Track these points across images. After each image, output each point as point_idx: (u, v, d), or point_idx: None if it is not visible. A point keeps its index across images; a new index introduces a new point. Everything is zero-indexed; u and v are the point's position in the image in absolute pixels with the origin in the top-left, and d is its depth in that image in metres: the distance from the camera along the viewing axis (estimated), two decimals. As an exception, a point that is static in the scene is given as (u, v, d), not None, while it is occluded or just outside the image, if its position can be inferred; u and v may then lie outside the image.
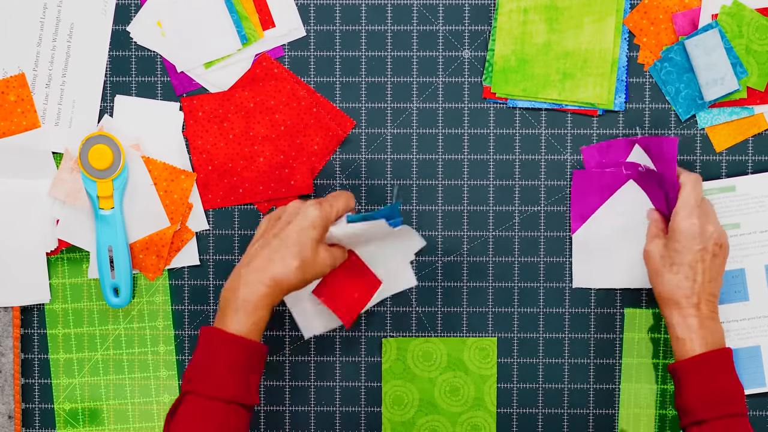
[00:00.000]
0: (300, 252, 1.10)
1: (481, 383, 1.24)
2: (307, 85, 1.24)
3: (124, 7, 1.25)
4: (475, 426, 1.25)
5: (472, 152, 1.25)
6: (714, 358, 1.11)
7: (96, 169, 1.22)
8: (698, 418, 1.09)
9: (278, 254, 1.10)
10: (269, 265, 1.10)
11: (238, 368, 1.09)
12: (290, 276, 1.10)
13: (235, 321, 1.09)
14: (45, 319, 1.27)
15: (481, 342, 1.24)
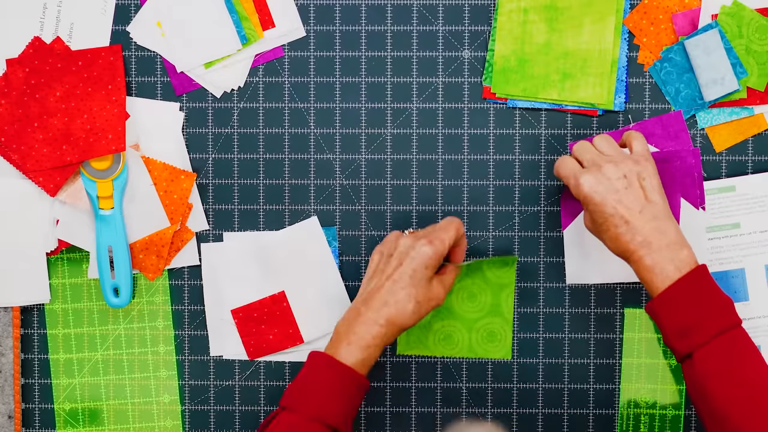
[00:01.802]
0: (415, 294, 1.12)
1: (499, 291, 1.24)
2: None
3: (124, 7, 1.25)
4: (491, 332, 1.24)
5: (472, 152, 1.25)
6: (676, 290, 1.07)
7: (96, 169, 1.22)
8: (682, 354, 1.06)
9: (393, 297, 1.12)
10: (384, 307, 1.12)
11: (339, 395, 1.10)
12: (406, 317, 1.12)
13: (347, 352, 1.11)
14: (45, 319, 1.27)
15: (504, 260, 1.24)
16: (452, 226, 1.15)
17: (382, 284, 1.13)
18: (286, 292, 1.25)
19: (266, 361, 1.27)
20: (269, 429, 1.10)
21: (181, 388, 1.27)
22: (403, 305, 1.12)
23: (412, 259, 1.13)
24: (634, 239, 1.08)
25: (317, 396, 1.10)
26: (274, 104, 1.25)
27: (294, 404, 1.10)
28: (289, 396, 1.11)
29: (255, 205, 1.26)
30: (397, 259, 1.14)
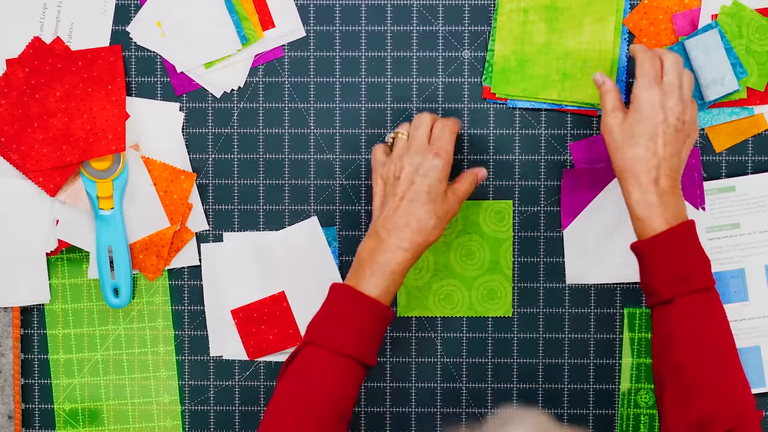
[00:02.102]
0: (434, 210, 1.11)
1: (497, 247, 1.24)
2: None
3: (124, 7, 1.25)
4: (491, 290, 1.24)
5: (472, 152, 1.25)
6: (675, 235, 1.07)
7: (96, 169, 1.22)
8: (664, 298, 1.07)
9: (413, 217, 1.11)
10: (406, 229, 1.11)
11: (363, 327, 1.09)
12: (429, 235, 1.11)
13: (370, 283, 1.10)
14: (45, 319, 1.27)
15: (497, 205, 1.24)
16: (448, 130, 1.14)
17: (399, 206, 1.12)
18: (286, 292, 1.25)
19: (266, 361, 1.27)
20: (294, 364, 1.09)
21: (181, 388, 1.27)
22: (424, 223, 1.11)
23: (425, 176, 1.12)
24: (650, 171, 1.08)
25: (342, 329, 1.09)
26: (274, 104, 1.25)
27: (318, 338, 1.09)
28: (312, 330, 1.10)
29: (255, 205, 1.26)
30: (407, 179, 1.12)
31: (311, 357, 1.09)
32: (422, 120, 1.15)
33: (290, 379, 1.09)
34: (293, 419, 1.08)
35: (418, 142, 1.13)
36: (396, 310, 1.25)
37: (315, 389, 1.08)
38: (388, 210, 1.12)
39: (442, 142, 1.13)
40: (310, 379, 1.08)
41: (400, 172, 1.13)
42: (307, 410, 1.08)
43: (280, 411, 1.09)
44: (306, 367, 1.09)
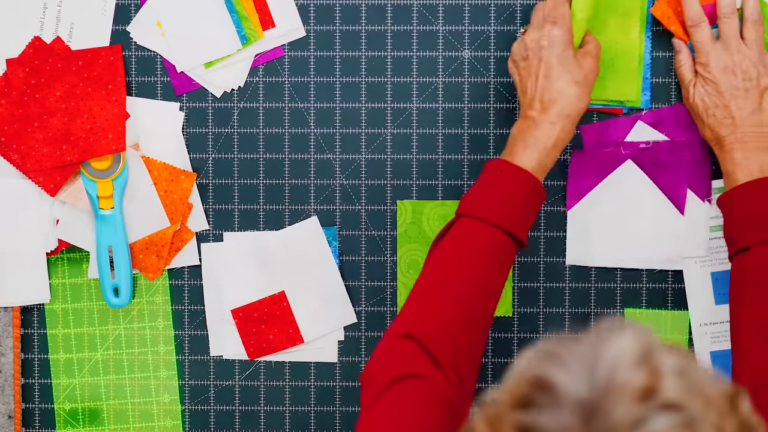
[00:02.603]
0: (571, 77, 1.11)
1: None
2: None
3: (124, 7, 1.25)
4: None
5: (472, 152, 1.25)
6: (754, 186, 1.11)
7: (96, 169, 1.22)
8: (741, 245, 1.11)
9: (555, 91, 1.11)
10: (551, 105, 1.11)
11: (516, 200, 1.09)
12: (575, 104, 1.11)
13: (524, 157, 1.10)
14: (45, 319, 1.27)
15: None
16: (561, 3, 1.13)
17: (536, 85, 1.12)
18: (286, 292, 1.25)
19: (266, 361, 1.27)
20: (448, 234, 1.09)
21: (181, 388, 1.27)
22: (567, 94, 1.11)
23: (549, 47, 1.11)
24: (733, 133, 1.13)
25: (494, 200, 1.09)
26: (274, 104, 1.25)
27: (471, 210, 1.09)
28: (467, 203, 1.10)
29: (255, 205, 1.26)
30: (535, 57, 1.12)
31: (464, 228, 1.09)
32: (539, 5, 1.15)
33: (443, 250, 1.09)
34: (443, 288, 1.07)
35: (536, 19, 1.13)
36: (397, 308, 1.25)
37: (467, 260, 1.08)
38: (529, 91, 1.12)
39: (558, 8, 1.12)
40: (462, 249, 1.08)
41: (526, 52, 1.13)
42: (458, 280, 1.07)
43: (430, 280, 1.08)
44: (459, 237, 1.09)
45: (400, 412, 0.99)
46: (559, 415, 0.69)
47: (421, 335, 1.03)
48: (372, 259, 1.26)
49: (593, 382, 0.70)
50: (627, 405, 0.68)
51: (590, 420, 0.69)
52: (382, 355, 1.05)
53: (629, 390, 0.69)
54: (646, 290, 1.24)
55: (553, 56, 1.11)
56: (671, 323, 1.24)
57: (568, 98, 1.11)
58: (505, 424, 0.72)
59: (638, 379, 0.69)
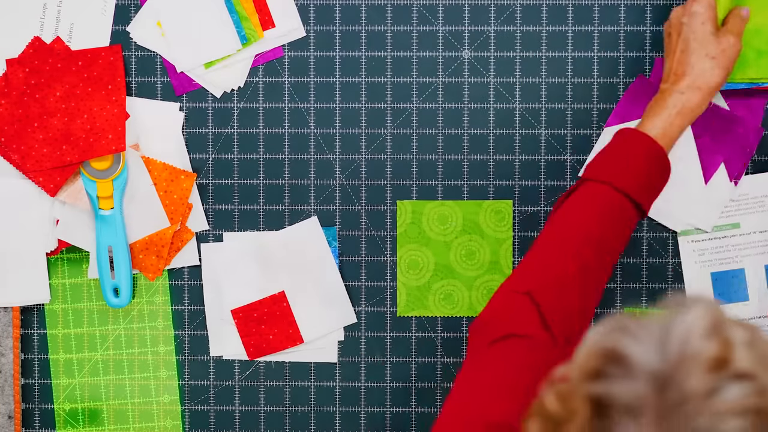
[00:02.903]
0: (705, 52, 1.12)
1: (497, 246, 1.24)
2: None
3: (124, 7, 1.25)
4: (491, 290, 1.24)
5: (472, 152, 1.25)
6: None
7: (96, 169, 1.22)
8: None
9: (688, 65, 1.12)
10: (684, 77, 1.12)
11: (639, 165, 1.09)
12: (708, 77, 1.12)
13: (650, 124, 1.11)
14: (45, 319, 1.27)
15: (497, 205, 1.24)
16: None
17: (674, 58, 1.14)
18: (286, 292, 1.25)
19: (266, 361, 1.27)
20: (572, 197, 1.09)
21: (181, 388, 1.27)
22: (699, 67, 1.12)
23: (688, 24, 1.13)
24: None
25: (619, 166, 1.10)
26: (274, 104, 1.25)
27: (596, 174, 1.10)
28: (590, 168, 1.11)
29: (255, 205, 1.26)
30: (675, 32, 1.14)
31: (586, 190, 1.09)
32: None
33: (563, 211, 1.10)
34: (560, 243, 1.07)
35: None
36: (397, 312, 1.25)
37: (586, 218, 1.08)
38: (667, 65, 1.14)
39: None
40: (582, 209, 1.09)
41: (669, 28, 1.15)
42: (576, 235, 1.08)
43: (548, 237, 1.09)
44: (579, 199, 1.09)
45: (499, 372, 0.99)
46: (633, 385, 0.71)
47: (535, 292, 1.04)
48: (372, 259, 1.26)
49: (665, 353, 0.71)
50: (700, 375, 0.70)
51: (663, 390, 0.70)
52: (493, 310, 1.05)
53: (702, 360, 0.70)
54: (646, 290, 1.25)
55: (690, 32, 1.13)
56: (671, 323, 1.24)
57: (699, 71, 1.12)
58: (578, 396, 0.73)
59: (710, 349, 0.71)
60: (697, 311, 0.73)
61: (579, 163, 1.24)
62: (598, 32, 1.24)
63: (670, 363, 0.71)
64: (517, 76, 1.24)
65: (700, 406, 0.69)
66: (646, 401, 0.70)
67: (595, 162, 1.11)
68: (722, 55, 1.12)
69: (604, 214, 1.08)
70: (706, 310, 0.73)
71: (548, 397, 0.75)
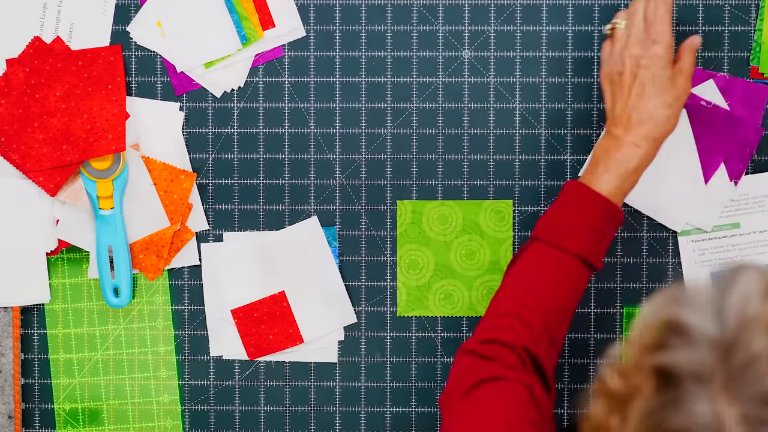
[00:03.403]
0: (663, 99, 1.09)
1: (497, 246, 1.24)
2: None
3: (124, 7, 1.25)
4: (491, 290, 1.24)
5: (472, 152, 1.25)
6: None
7: (96, 169, 1.22)
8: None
9: (644, 112, 1.08)
10: (639, 126, 1.08)
11: (592, 226, 1.08)
12: (663, 127, 1.09)
13: (602, 180, 1.08)
14: (45, 319, 1.27)
15: (497, 204, 1.24)
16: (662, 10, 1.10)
17: (627, 102, 1.09)
18: (286, 292, 1.25)
19: (266, 361, 1.27)
20: (521, 259, 1.09)
21: (181, 388, 1.27)
22: (657, 115, 1.08)
23: (647, 68, 1.09)
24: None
25: (569, 227, 1.08)
26: (274, 104, 1.25)
27: (549, 236, 1.09)
28: (543, 227, 1.10)
29: (255, 205, 1.26)
30: (630, 74, 1.09)
31: (540, 253, 1.08)
32: (636, 6, 1.11)
33: (516, 274, 1.09)
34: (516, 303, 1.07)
35: (635, 31, 1.10)
36: (397, 311, 1.25)
37: (540, 282, 1.07)
38: (618, 107, 1.10)
39: (658, 25, 1.09)
40: (535, 274, 1.08)
41: (622, 67, 1.10)
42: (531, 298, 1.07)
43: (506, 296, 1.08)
44: (531, 262, 1.09)
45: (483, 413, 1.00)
46: (697, 354, 0.71)
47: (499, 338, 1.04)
48: (372, 259, 1.26)
49: (725, 318, 0.72)
50: (764, 336, 0.71)
51: (729, 354, 0.71)
52: (453, 375, 1.06)
53: (763, 321, 0.71)
54: (646, 290, 1.25)
55: (649, 76, 1.08)
56: (671, 323, 1.24)
57: (656, 121, 1.08)
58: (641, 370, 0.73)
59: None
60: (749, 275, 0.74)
61: (579, 163, 1.24)
62: (598, 32, 1.24)
63: (732, 328, 0.72)
64: (517, 76, 1.24)
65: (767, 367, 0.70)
66: (714, 367, 0.71)
67: (548, 220, 1.10)
68: (678, 102, 1.10)
69: (559, 279, 1.07)
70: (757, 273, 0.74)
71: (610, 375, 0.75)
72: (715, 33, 1.22)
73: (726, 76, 1.21)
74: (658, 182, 1.22)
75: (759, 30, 1.21)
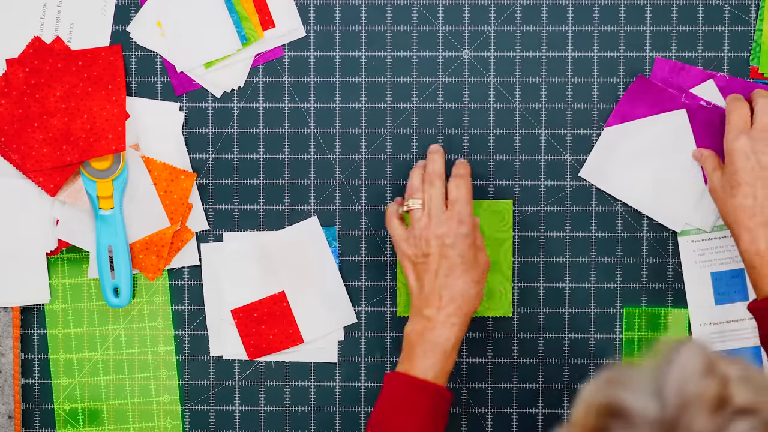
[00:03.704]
0: (471, 277, 1.11)
1: (497, 247, 1.24)
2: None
3: (124, 7, 1.25)
4: (491, 290, 1.24)
5: (472, 152, 1.25)
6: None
7: (96, 169, 1.22)
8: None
9: (455, 290, 1.11)
10: (450, 305, 1.11)
11: (424, 414, 1.09)
12: (473, 304, 1.12)
13: (424, 365, 1.10)
14: (45, 319, 1.27)
15: (497, 205, 1.24)
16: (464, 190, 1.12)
17: (436, 282, 1.11)
18: (286, 292, 1.25)
19: (266, 361, 1.27)
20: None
21: (181, 388, 1.27)
22: (466, 293, 1.11)
23: (454, 247, 1.11)
24: (754, 217, 1.09)
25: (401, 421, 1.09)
26: (274, 104, 1.25)
27: None
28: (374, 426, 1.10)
29: (255, 205, 1.26)
30: (437, 254, 1.11)
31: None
32: (434, 183, 1.13)
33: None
34: None
35: (437, 211, 1.12)
36: (396, 314, 1.25)
37: None
38: (427, 288, 1.12)
39: (461, 205, 1.12)
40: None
41: (428, 248, 1.12)
42: None
43: None
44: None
45: None
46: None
47: None
48: (372, 259, 1.26)
49: (665, 399, 0.70)
50: (705, 416, 0.69)
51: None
52: None
53: (704, 401, 0.69)
54: (645, 290, 1.25)
55: (457, 256, 1.11)
56: (671, 323, 1.24)
57: (468, 298, 1.11)
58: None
59: (710, 389, 0.70)
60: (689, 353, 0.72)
61: (579, 163, 1.24)
62: (598, 32, 1.24)
63: (672, 408, 0.70)
64: (517, 76, 1.24)
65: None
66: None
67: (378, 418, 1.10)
68: (483, 277, 1.14)
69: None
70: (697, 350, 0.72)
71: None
72: (715, 33, 1.23)
73: (726, 76, 1.21)
74: (658, 182, 1.22)
75: (759, 30, 1.21)
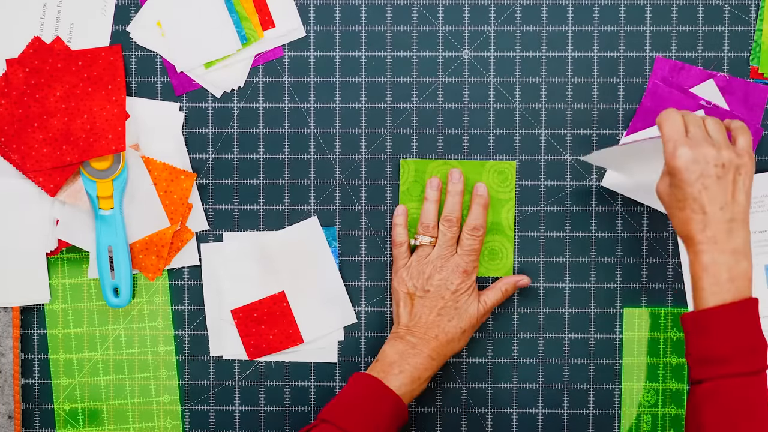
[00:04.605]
0: (460, 324, 1.19)
1: (499, 207, 1.24)
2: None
3: (124, 7, 1.25)
4: (493, 250, 1.24)
5: (472, 153, 1.25)
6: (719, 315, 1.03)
7: (96, 169, 1.22)
8: (692, 378, 1.05)
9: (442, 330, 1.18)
10: (434, 341, 1.18)
11: (381, 418, 1.12)
12: (454, 347, 1.19)
13: (396, 380, 1.15)
14: (45, 319, 1.27)
15: (500, 165, 1.24)
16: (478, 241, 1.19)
17: (429, 318, 1.18)
18: (286, 292, 1.25)
19: (266, 361, 1.27)
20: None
21: (181, 388, 1.27)
22: (452, 337, 1.18)
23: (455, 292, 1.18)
24: (703, 230, 1.04)
25: (358, 414, 1.12)
26: (274, 104, 1.25)
27: (333, 418, 1.12)
28: (331, 410, 1.13)
29: (255, 205, 1.26)
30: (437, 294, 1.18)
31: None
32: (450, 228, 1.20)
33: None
34: None
35: (446, 254, 1.20)
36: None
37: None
38: (418, 319, 1.18)
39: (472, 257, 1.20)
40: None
41: (429, 286, 1.19)
42: None
43: None
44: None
45: None
46: None
47: None
48: (372, 259, 1.26)
49: None
50: None
51: None
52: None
53: None
54: (645, 290, 1.25)
55: (454, 300, 1.18)
56: (671, 322, 1.24)
57: (451, 340, 1.18)
58: None
59: None
60: None
61: (579, 163, 1.24)
62: (598, 32, 1.24)
63: None
64: (517, 76, 1.24)
65: None
66: None
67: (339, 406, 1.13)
68: (470, 330, 1.20)
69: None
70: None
71: None
72: (715, 33, 1.23)
73: (726, 76, 1.22)
74: None
75: (759, 30, 1.21)
